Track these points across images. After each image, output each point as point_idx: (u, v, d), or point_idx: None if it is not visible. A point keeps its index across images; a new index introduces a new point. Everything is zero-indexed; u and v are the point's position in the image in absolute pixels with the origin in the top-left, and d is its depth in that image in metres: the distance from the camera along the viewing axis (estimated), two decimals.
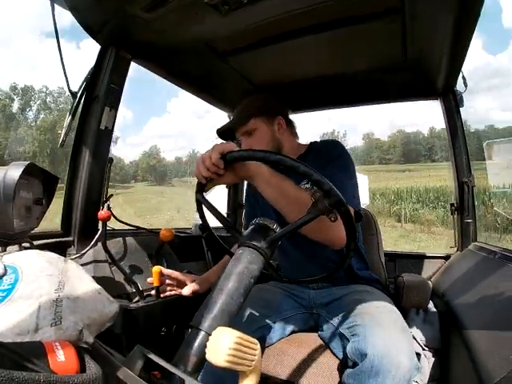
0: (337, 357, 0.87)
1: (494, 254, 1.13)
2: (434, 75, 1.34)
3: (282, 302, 1.05)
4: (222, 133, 1.19)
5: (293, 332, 1.01)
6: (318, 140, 1.19)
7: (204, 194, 0.72)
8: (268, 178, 0.73)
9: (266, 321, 0.95)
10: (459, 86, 1.46)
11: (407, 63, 1.25)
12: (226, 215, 2.05)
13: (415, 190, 21.24)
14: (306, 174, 0.56)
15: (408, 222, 16.31)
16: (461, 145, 1.49)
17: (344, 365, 0.81)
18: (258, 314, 0.94)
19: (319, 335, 0.98)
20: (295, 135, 1.20)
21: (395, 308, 0.93)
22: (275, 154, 0.58)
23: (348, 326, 0.84)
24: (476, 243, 1.45)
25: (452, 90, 1.47)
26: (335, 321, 0.93)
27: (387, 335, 0.72)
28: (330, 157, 1.00)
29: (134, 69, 1.24)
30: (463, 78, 1.40)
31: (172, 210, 20.96)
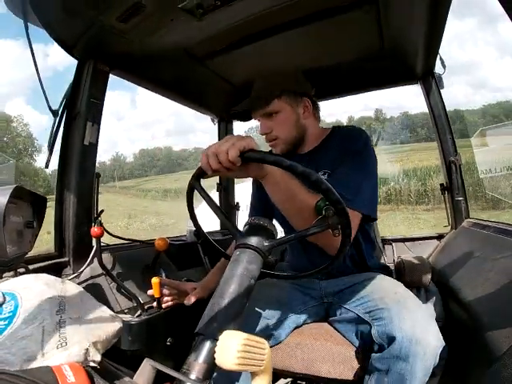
0: (352, 343, 0.87)
1: (488, 228, 1.15)
2: (412, 60, 1.36)
3: (291, 296, 1.03)
4: (239, 110, 1.08)
5: (304, 324, 1.00)
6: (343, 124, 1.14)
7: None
8: (278, 181, 0.70)
9: (277, 317, 0.95)
10: (438, 68, 1.48)
11: (385, 51, 1.26)
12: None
13: None
14: (329, 193, 0.55)
15: None
16: (444, 125, 1.51)
17: (364, 350, 0.82)
18: (268, 311, 0.94)
19: (330, 323, 0.98)
20: (319, 119, 1.10)
21: (409, 291, 0.92)
22: (302, 167, 0.55)
23: (368, 310, 0.83)
24: (469, 220, 1.48)
25: (431, 73, 1.49)
26: (350, 306, 0.91)
27: (414, 317, 0.73)
28: (352, 149, 0.93)
29: None
30: (441, 60, 1.42)
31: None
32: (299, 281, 1.08)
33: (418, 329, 0.70)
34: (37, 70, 1.02)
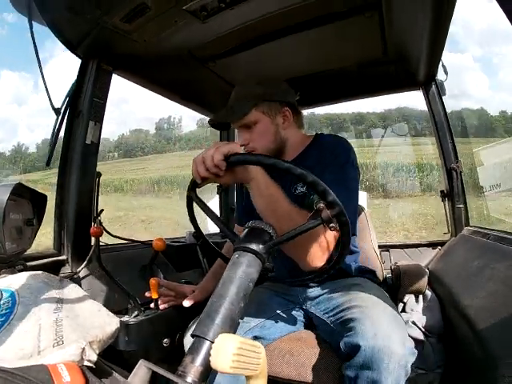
0: (334, 351, 0.88)
1: (488, 236, 1.15)
2: (415, 66, 1.36)
3: (272, 301, 1.04)
4: (215, 121, 1.06)
5: (287, 330, 1.00)
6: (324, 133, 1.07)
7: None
8: (262, 188, 0.70)
9: (259, 323, 0.95)
10: (440, 75, 1.48)
11: (388, 56, 1.26)
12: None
13: None
14: (316, 185, 0.56)
15: None
16: (445, 132, 1.51)
17: (341, 358, 0.82)
18: (250, 317, 0.93)
19: (314, 331, 0.98)
20: (301, 126, 1.07)
21: (386, 296, 0.93)
22: (286, 162, 0.56)
23: (339, 321, 0.85)
24: (469, 227, 1.47)
25: (433, 79, 1.49)
26: (324, 317, 0.93)
27: (376, 326, 0.72)
28: (334, 161, 0.90)
29: None
30: (443, 66, 1.42)
31: None
32: (278, 287, 1.09)
33: (379, 338, 0.70)
34: (40, 68, 1.03)
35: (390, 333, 0.71)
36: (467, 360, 0.85)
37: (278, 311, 1.00)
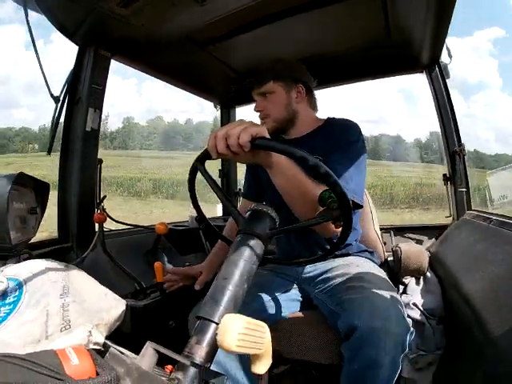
0: (333, 330, 0.90)
1: (490, 220, 1.15)
2: (418, 49, 1.33)
3: (272, 282, 1.06)
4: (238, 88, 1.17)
5: (288, 311, 1.02)
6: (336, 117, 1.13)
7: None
8: (285, 171, 0.70)
9: (260, 303, 0.97)
10: (444, 57, 1.45)
11: (391, 39, 1.24)
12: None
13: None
14: (336, 187, 0.56)
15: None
16: (449, 115, 1.49)
17: (340, 338, 0.84)
18: (251, 298, 0.94)
19: (314, 311, 1.00)
20: (314, 107, 1.15)
21: (384, 276, 0.96)
22: (313, 159, 0.55)
23: (337, 301, 0.86)
24: (471, 211, 1.47)
25: (437, 62, 1.46)
26: (324, 297, 0.95)
27: (373, 307, 0.74)
28: (346, 140, 0.96)
29: None
30: (447, 49, 1.40)
31: None
32: (277, 268, 1.11)
33: (376, 318, 0.72)
34: (37, 55, 1.01)
35: (387, 312, 0.73)
36: (467, 342, 0.87)
37: (279, 292, 1.02)
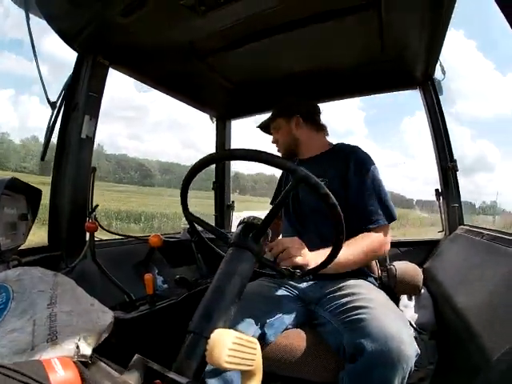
0: (335, 351, 0.87)
1: (482, 235, 1.16)
2: (412, 65, 1.36)
3: (280, 295, 1.04)
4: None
5: (292, 327, 1.00)
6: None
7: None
8: (334, 268, 0.84)
9: (267, 317, 0.94)
10: (438, 75, 1.49)
11: (386, 55, 1.26)
12: (213, 217, 2.05)
13: None
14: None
15: None
16: (442, 131, 1.52)
17: (343, 359, 0.82)
18: (258, 311, 0.93)
19: (317, 330, 0.98)
20: (318, 131, 1.29)
21: (388, 299, 0.94)
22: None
23: (342, 320, 0.85)
24: (463, 226, 1.48)
25: (431, 79, 1.49)
26: (328, 316, 0.93)
27: (385, 328, 0.73)
28: (368, 168, 1.09)
29: None
30: (441, 66, 1.42)
31: None
32: (284, 281, 1.10)
33: (389, 340, 0.70)
34: (36, 60, 1.02)
35: (400, 334, 0.72)
36: (459, 357, 0.86)
37: (280, 308, 1.00)
